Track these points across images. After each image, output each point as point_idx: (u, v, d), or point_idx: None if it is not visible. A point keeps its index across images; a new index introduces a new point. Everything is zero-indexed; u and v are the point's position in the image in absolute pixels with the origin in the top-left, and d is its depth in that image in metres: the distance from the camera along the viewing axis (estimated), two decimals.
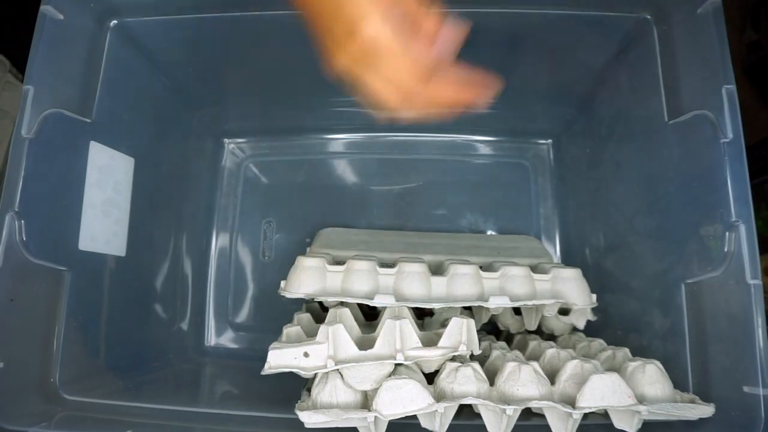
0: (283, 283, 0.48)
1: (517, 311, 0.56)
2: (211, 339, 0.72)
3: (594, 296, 0.51)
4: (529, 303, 0.46)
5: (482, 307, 0.49)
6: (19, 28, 0.53)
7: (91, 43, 0.49)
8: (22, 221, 0.42)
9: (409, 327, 0.40)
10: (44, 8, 0.45)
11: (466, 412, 0.41)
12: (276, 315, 0.71)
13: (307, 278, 0.46)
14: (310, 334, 0.43)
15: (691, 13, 0.45)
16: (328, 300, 0.45)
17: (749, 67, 1.05)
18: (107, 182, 0.53)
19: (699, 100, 0.44)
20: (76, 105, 0.48)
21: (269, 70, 0.63)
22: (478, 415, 0.39)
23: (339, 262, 0.49)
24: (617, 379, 0.38)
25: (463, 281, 0.47)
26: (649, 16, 0.50)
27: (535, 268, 0.51)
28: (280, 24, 0.53)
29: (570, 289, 0.49)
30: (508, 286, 0.47)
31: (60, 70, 0.46)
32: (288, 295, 0.46)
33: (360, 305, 0.51)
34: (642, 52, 0.51)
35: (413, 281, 0.46)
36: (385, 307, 0.45)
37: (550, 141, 0.76)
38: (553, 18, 0.51)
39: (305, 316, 0.49)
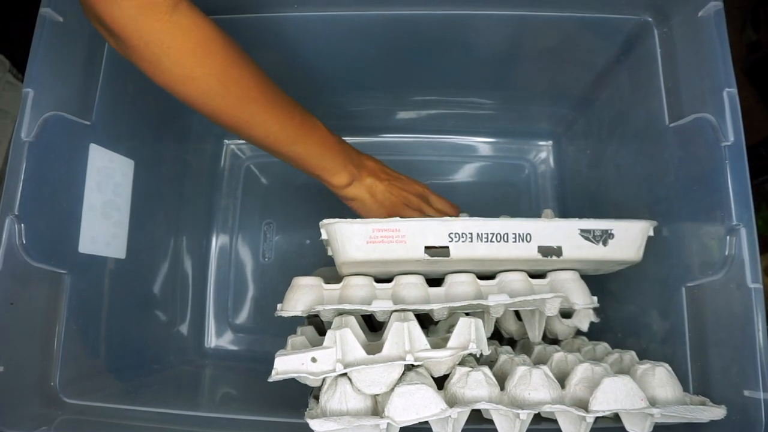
0: (279, 306, 0.48)
1: (519, 318, 0.56)
2: (212, 341, 0.72)
3: (595, 297, 0.50)
4: (529, 298, 0.45)
5: (486, 315, 0.49)
6: (19, 29, 0.53)
7: (91, 45, 0.49)
8: (22, 224, 0.42)
9: (417, 329, 0.40)
10: (44, 10, 0.45)
11: (473, 416, 0.40)
12: (276, 317, 0.71)
13: (304, 296, 0.46)
14: (315, 344, 0.43)
15: (692, 16, 0.45)
16: (325, 308, 0.45)
17: (749, 67, 1.05)
18: (107, 184, 0.52)
19: (700, 102, 0.44)
20: (76, 107, 0.48)
21: (269, 71, 0.63)
22: (487, 420, 0.39)
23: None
24: (630, 382, 0.37)
25: (461, 288, 0.47)
26: (649, 19, 0.50)
27: None
28: (279, 25, 0.53)
29: (569, 290, 0.48)
30: (507, 288, 0.47)
31: (60, 72, 0.46)
32: (285, 314, 0.46)
33: (363, 321, 0.51)
34: (643, 55, 0.51)
35: (411, 289, 0.46)
36: (389, 318, 0.45)
37: (550, 142, 0.76)
38: (553, 20, 0.51)
39: (308, 328, 0.49)
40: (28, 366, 0.44)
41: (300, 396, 0.44)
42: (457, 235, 0.45)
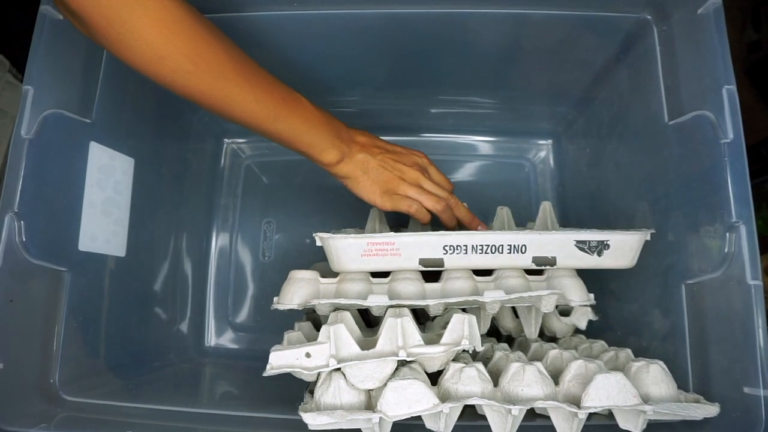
0: (275, 299, 0.48)
1: (517, 315, 0.56)
2: (211, 339, 0.72)
3: (591, 295, 0.50)
4: (525, 295, 0.45)
5: (482, 312, 0.49)
6: (19, 28, 0.53)
7: (91, 43, 0.49)
8: (22, 222, 0.42)
9: (411, 324, 0.40)
10: (44, 8, 0.45)
11: (468, 412, 0.41)
12: (276, 315, 0.70)
13: (300, 289, 0.46)
14: (311, 340, 0.43)
15: (692, 14, 0.45)
16: (321, 302, 0.45)
17: (750, 67, 1.05)
18: (107, 182, 0.53)
19: (699, 100, 0.44)
20: (76, 105, 0.48)
21: (269, 71, 0.63)
22: (481, 416, 0.39)
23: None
24: (622, 378, 0.37)
25: (457, 283, 0.47)
26: (649, 17, 0.50)
27: None
28: (280, 24, 0.53)
29: (566, 287, 0.48)
30: (503, 284, 0.47)
31: (60, 70, 0.46)
32: (281, 307, 0.46)
33: (360, 316, 0.51)
34: (642, 53, 0.51)
35: (407, 284, 0.46)
36: (385, 313, 0.45)
37: (550, 141, 0.76)
38: (552, 18, 0.51)
39: (306, 324, 0.49)
40: (28, 363, 0.44)
41: (299, 393, 0.44)
42: (451, 248, 0.46)
